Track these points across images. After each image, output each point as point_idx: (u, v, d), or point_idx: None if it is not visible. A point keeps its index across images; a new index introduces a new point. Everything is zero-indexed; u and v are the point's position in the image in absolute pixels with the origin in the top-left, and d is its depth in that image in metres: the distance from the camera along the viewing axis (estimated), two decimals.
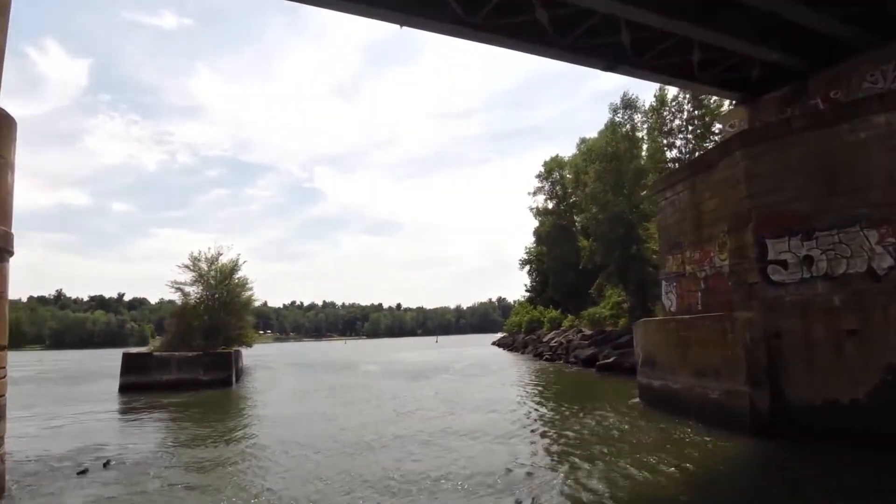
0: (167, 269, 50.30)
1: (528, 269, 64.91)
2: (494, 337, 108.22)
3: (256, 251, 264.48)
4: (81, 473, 8.48)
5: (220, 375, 22.75)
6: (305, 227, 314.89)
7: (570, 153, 55.74)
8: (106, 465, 9.09)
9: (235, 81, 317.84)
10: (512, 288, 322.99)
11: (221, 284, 26.19)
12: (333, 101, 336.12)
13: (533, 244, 63.16)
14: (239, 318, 27.80)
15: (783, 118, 11.77)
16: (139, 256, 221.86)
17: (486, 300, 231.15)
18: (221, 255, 26.62)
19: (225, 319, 25.87)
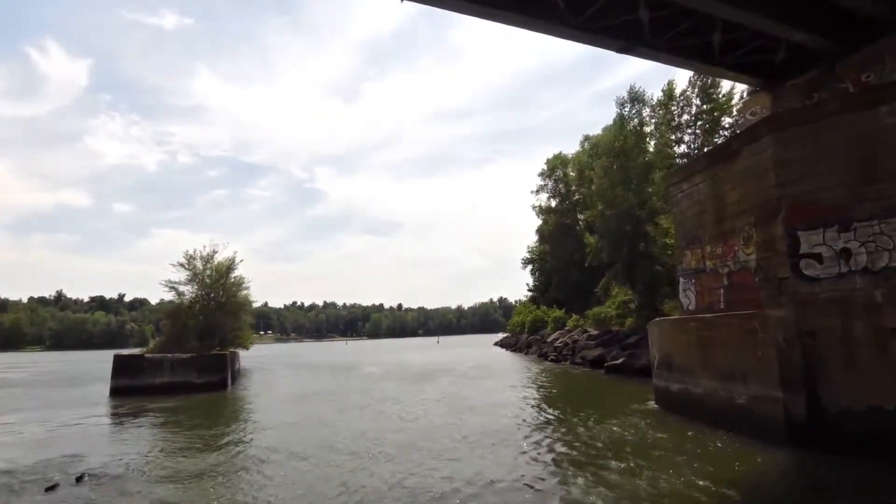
0: (167, 269, 49.17)
1: (530, 268, 64.21)
2: (496, 337, 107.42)
3: (257, 251, 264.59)
4: (50, 490, 7.69)
5: (214, 378, 21.95)
6: (306, 227, 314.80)
7: (572, 151, 55.21)
8: (79, 479, 8.29)
9: (236, 81, 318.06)
10: (513, 288, 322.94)
11: (217, 284, 25.39)
12: (334, 101, 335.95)
13: (536, 243, 62.38)
14: (235, 318, 27.01)
15: (814, 102, 10.95)
16: (140, 257, 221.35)
17: (487, 300, 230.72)
18: (217, 252, 25.86)
19: (220, 320, 25.07)
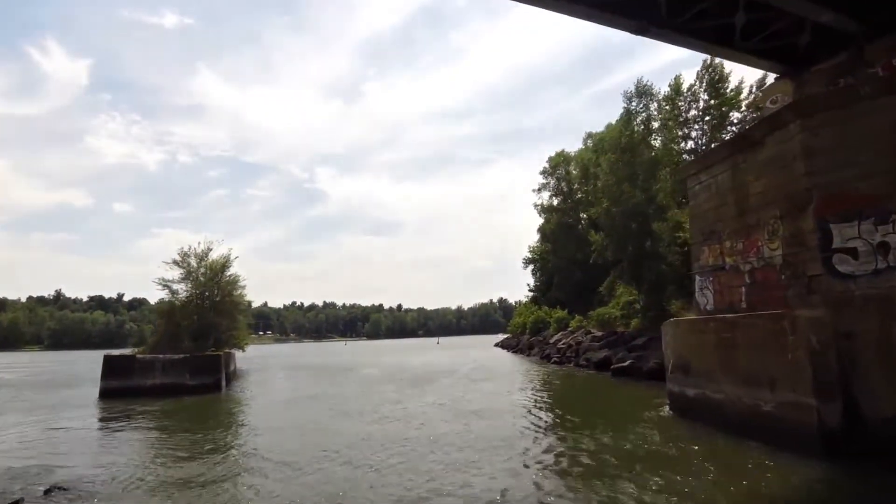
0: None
1: (532, 268, 63.43)
2: (496, 338, 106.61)
3: (257, 251, 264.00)
4: None
5: (207, 380, 21.20)
6: (306, 227, 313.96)
7: (574, 150, 54.46)
8: (47, 492, 7.57)
9: (236, 81, 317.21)
10: (513, 289, 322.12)
11: (211, 282, 24.64)
12: (334, 100, 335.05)
13: (537, 242, 61.65)
14: (230, 318, 26.25)
15: (845, 86, 10.22)
16: (140, 257, 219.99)
17: (487, 301, 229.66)
18: (211, 250, 25.09)
19: (215, 320, 24.30)
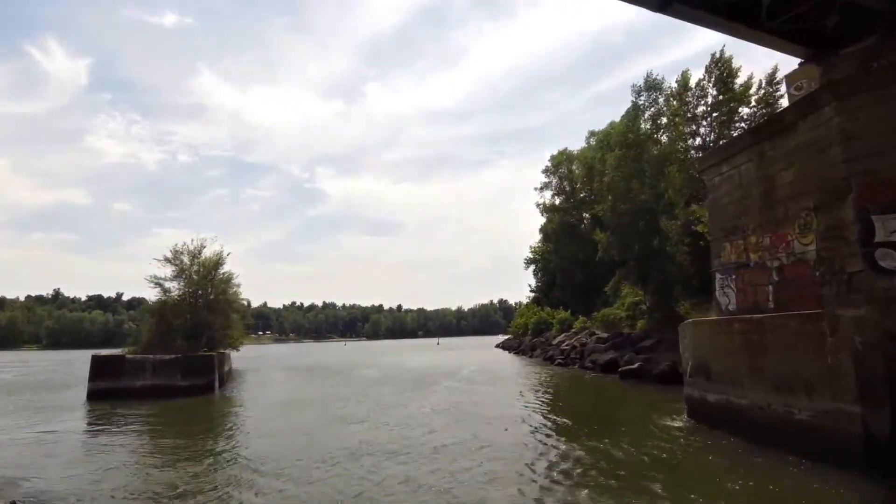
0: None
1: (533, 268, 62.64)
2: (496, 339, 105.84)
3: (257, 251, 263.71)
4: None
5: (200, 381, 20.42)
6: (306, 227, 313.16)
7: (577, 149, 53.66)
8: None
9: (236, 81, 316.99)
10: (514, 289, 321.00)
11: (204, 280, 23.84)
12: (334, 100, 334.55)
13: (539, 242, 60.86)
14: (225, 317, 25.44)
15: (889, 64, 9.43)
16: (140, 256, 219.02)
17: (487, 302, 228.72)
18: (205, 247, 24.29)
19: (208, 319, 23.49)
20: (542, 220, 58.41)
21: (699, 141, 29.42)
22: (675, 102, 28.06)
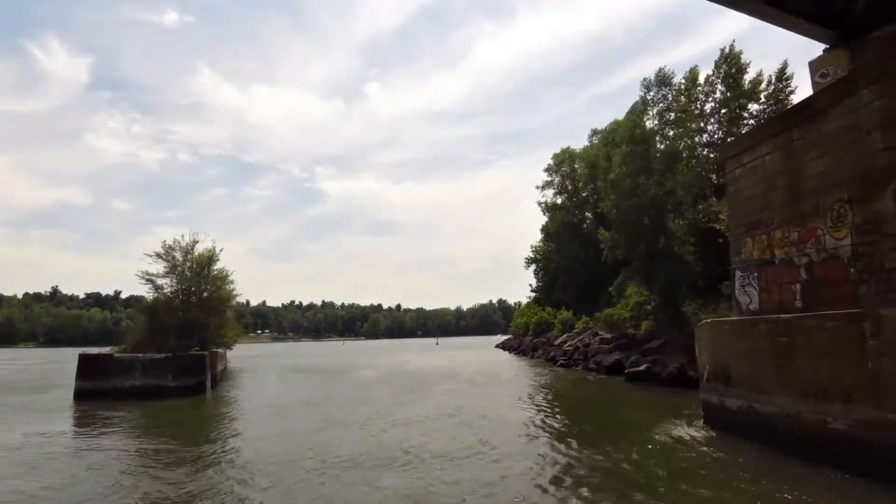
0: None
1: (534, 268, 61.94)
2: (496, 339, 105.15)
3: (256, 251, 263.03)
4: None
5: (191, 381, 19.68)
6: (305, 227, 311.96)
7: (579, 147, 52.96)
8: None
9: (236, 80, 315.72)
10: (513, 290, 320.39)
11: (197, 277, 23.08)
12: (334, 100, 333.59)
13: (540, 242, 60.17)
14: (219, 315, 24.70)
15: None
16: (138, 255, 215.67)
17: (486, 302, 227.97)
18: (197, 242, 23.52)
19: (201, 317, 22.73)
20: (542, 219, 57.80)
21: (706, 138, 28.88)
22: (683, 98, 27.40)
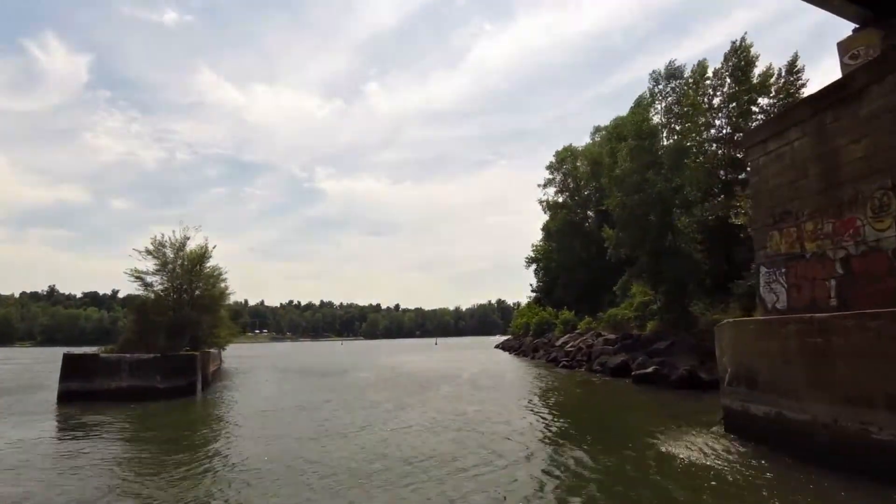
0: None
1: (535, 267, 61.13)
2: (495, 339, 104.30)
3: (255, 250, 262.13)
4: None
5: (181, 383, 18.87)
6: (304, 226, 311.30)
7: (581, 145, 52.18)
8: None
9: (236, 79, 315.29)
10: (512, 290, 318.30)
11: (188, 274, 22.25)
12: (334, 100, 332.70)
13: (541, 241, 59.38)
14: (211, 314, 23.87)
15: None
16: (135, 254, 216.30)
17: (485, 302, 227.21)
18: (189, 238, 22.70)
19: (192, 316, 21.89)
20: (542, 219, 57.17)
21: (714, 133, 28.15)
22: (690, 92, 26.64)
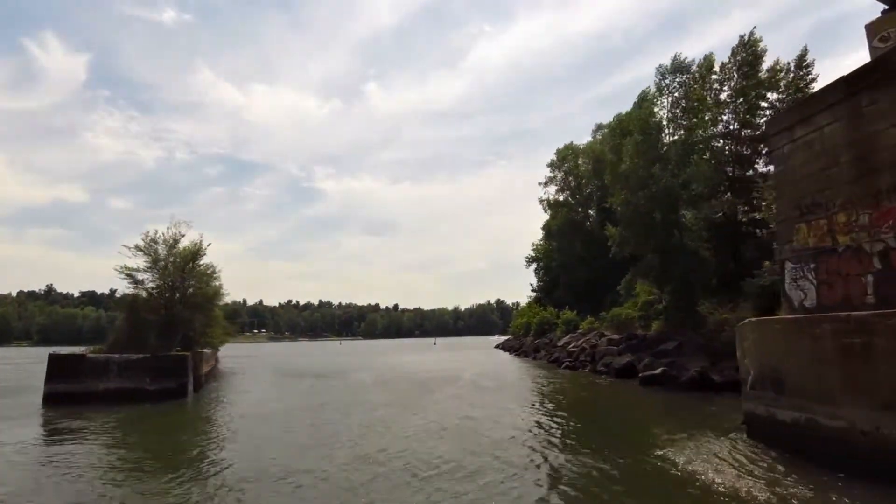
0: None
1: (535, 267, 60.49)
2: (494, 339, 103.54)
3: (254, 250, 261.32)
4: None
5: (171, 384, 18.16)
6: (303, 226, 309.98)
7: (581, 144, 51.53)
8: None
9: (234, 79, 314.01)
10: (511, 290, 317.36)
11: (181, 272, 21.51)
12: (333, 99, 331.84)
13: (541, 240, 58.74)
14: (204, 313, 23.14)
15: None
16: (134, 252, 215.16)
17: (484, 302, 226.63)
18: (184, 235, 21.98)
19: (184, 315, 21.17)
20: (542, 218, 56.54)
21: (721, 128, 27.48)
22: (696, 87, 25.98)
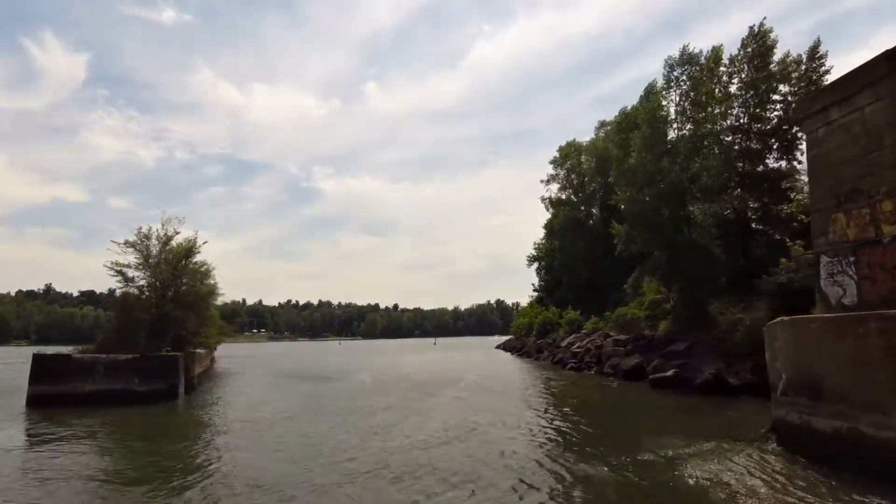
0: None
1: (536, 266, 59.77)
2: (495, 339, 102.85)
3: (253, 250, 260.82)
4: None
5: (161, 386, 17.39)
6: (303, 226, 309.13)
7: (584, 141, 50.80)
8: None
9: (234, 78, 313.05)
10: (511, 290, 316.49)
11: (173, 269, 20.72)
12: (332, 99, 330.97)
13: (543, 239, 58.01)
14: (198, 312, 22.36)
15: None
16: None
17: (484, 302, 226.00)
18: (178, 233, 21.20)
19: (176, 314, 20.39)
20: (544, 218, 55.90)
21: (731, 121, 26.73)
22: (705, 79, 25.24)
